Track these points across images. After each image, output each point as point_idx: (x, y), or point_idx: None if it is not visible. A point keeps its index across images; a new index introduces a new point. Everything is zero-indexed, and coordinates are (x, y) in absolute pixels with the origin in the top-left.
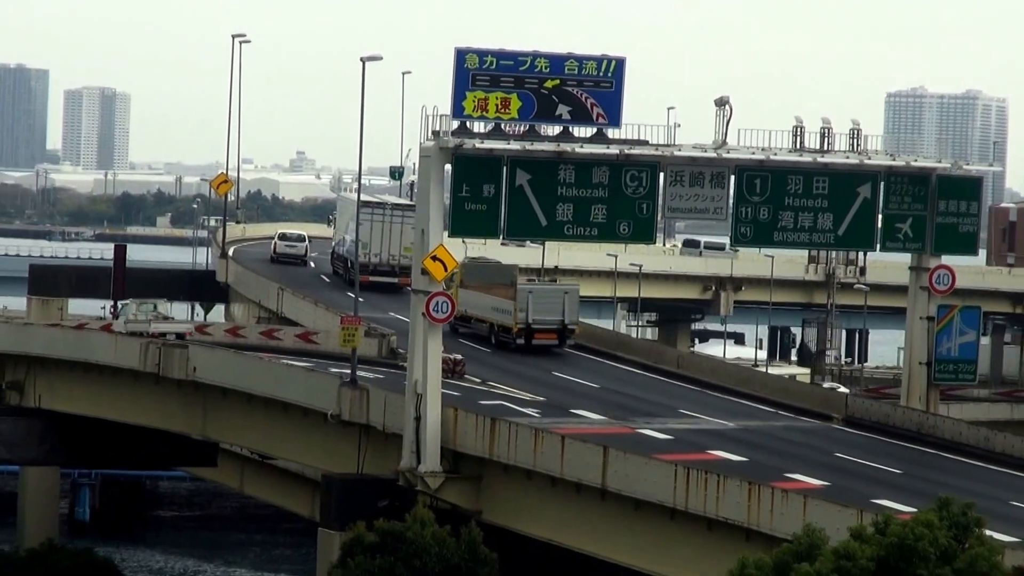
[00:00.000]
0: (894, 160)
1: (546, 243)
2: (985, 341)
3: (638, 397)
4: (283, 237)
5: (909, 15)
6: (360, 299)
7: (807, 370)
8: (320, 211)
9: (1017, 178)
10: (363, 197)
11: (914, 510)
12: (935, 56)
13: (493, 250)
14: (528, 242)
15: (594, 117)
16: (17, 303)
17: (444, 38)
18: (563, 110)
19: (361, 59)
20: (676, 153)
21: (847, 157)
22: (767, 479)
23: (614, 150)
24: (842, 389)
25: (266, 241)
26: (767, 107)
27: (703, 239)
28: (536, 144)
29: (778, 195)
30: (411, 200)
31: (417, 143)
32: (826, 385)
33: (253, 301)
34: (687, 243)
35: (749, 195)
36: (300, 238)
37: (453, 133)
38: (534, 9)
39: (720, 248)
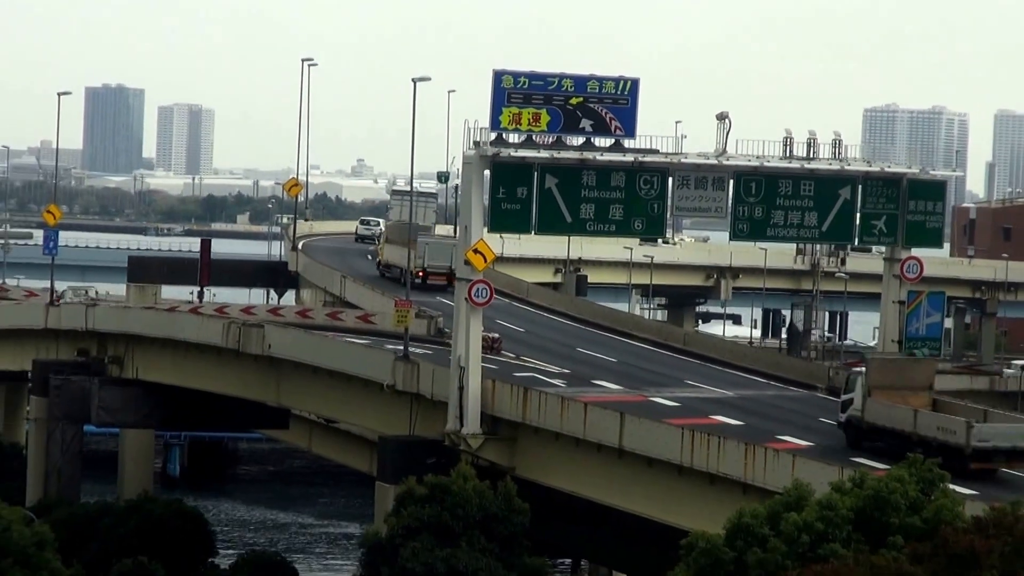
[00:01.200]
0: (870, 166)
1: (571, 237)
2: (949, 322)
3: (650, 370)
4: (363, 223)
5: (884, 39)
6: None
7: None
8: (377, 211)
9: (976, 182)
10: (394, 188)
11: (887, 467)
12: (906, 75)
13: (527, 243)
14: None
15: (612, 129)
16: (117, 289)
17: (483, 61)
18: (586, 123)
19: (412, 80)
20: (683, 160)
21: (830, 164)
22: (761, 440)
23: (629, 158)
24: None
25: (331, 236)
26: (760, 120)
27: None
28: (563, 153)
29: (770, 196)
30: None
31: (461, 152)
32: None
33: (319, 287)
34: None
35: (745, 196)
36: (375, 223)
37: (491, 143)
38: (560, 35)
39: None
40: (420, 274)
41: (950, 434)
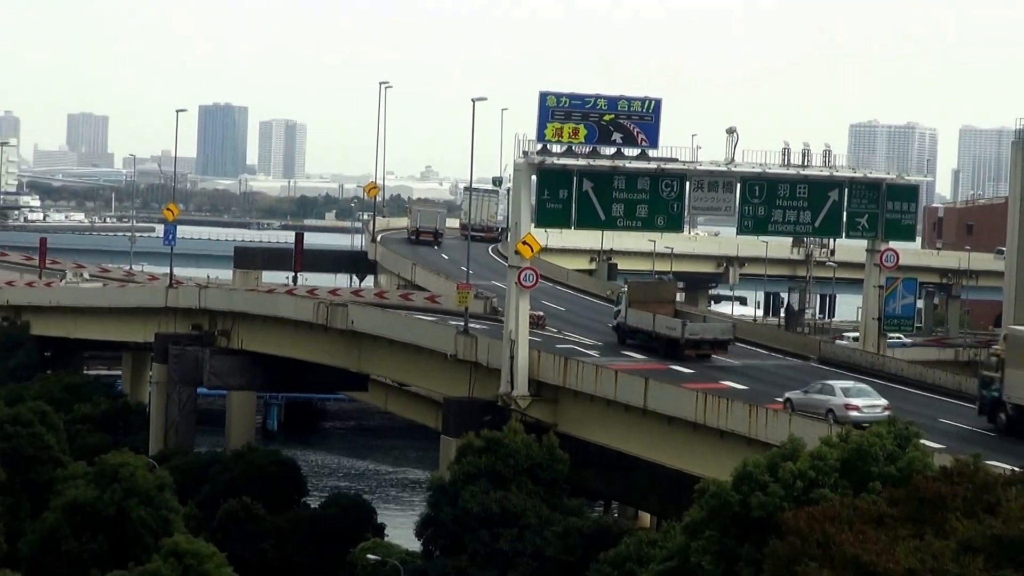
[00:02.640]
0: (855, 173)
1: (604, 232)
2: (920, 303)
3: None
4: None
5: (869, 67)
6: (471, 272)
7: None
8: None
9: (944, 186)
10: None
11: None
12: (885, 96)
13: (567, 236)
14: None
15: (639, 141)
16: (225, 274)
17: (531, 83)
18: (617, 136)
19: (472, 99)
20: (698, 168)
21: (821, 171)
22: (762, 402)
23: (653, 165)
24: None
25: (404, 230)
26: (763, 133)
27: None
28: (597, 161)
29: (771, 198)
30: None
31: (512, 160)
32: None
33: (394, 273)
34: None
35: (750, 198)
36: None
37: (537, 153)
38: (593, 62)
39: None
40: (414, 232)
41: (672, 330)
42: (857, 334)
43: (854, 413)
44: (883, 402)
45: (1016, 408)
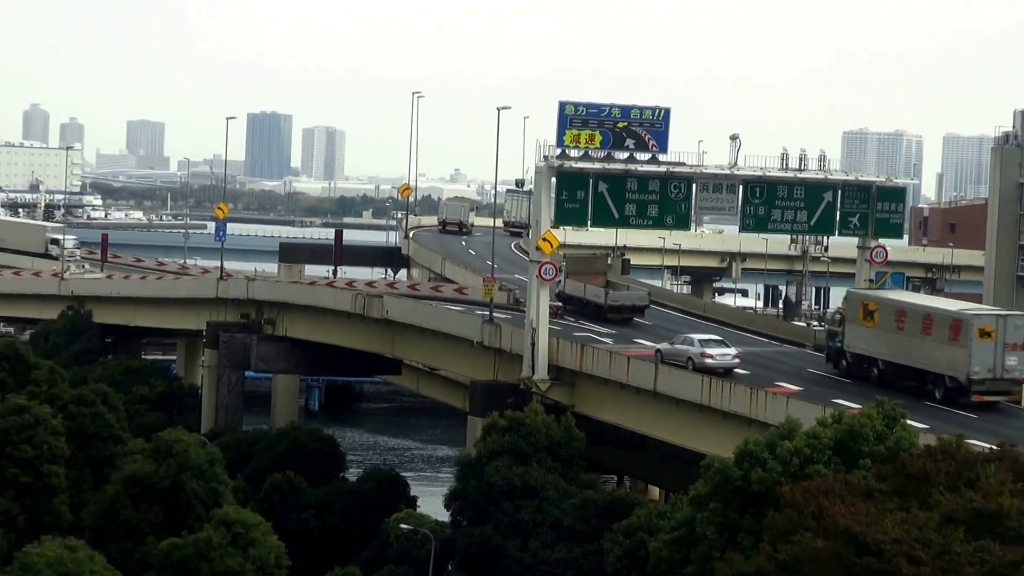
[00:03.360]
0: (847, 176)
1: (618, 229)
2: None
3: (677, 331)
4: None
5: (861, 80)
6: (495, 266)
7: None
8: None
9: (929, 188)
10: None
11: (859, 406)
12: (875, 105)
13: (584, 233)
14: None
15: (649, 147)
16: (271, 268)
17: (551, 92)
18: (629, 142)
19: (497, 108)
20: (703, 171)
21: (816, 174)
22: (762, 385)
23: (663, 169)
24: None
25: (434, 228)
26: (762, 139)
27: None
28: (611, 165)
29: (771, 199)
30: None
31: (533, 164)
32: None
33: (425, 267)
34: None
35: (752, 199)
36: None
37: (557, 157)
38: (606, 77)
39: None
40: (442, 223)
41: (598, 297)
42: None
43: (709, 360)
44: (733, 351)
45: (854, 356)
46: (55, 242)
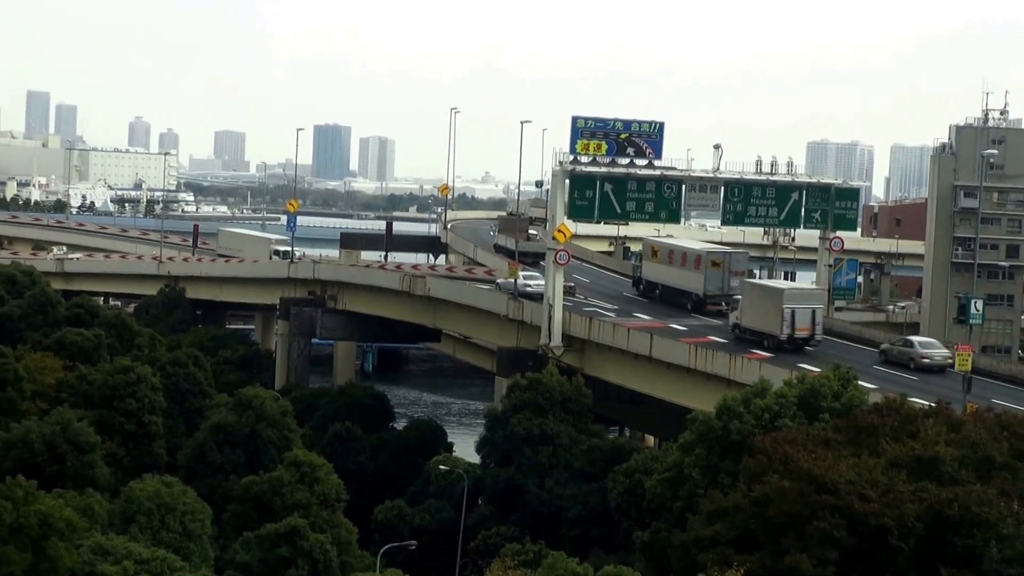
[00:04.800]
0: (811, 179)
1: (620, 223)
2: (860, 279)
3: (669, 308)
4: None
5: (821, 97)
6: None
7: None
8: (499, 205)
9: (878, 189)
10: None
11: (819, 370)
12: (834, 119)
13: (592, 226)
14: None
15: (647, 154)
16: (332, 253)
17: (564, 108)
18: (630, 150)
19: (520, 122)
20: (691, 175)
21: (785, 177)
22: (739, 352)
23: (657, 172)
24: None
25: (467, 220)
26: (738, 147)
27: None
28: (615, 169)
29: (747, 197)
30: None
31: (550, 168)
32: None
33: (460, 253)
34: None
35: (731, 197)
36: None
37: (570, 163)
38: (613, 96)
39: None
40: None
41: (513, 245)
42: None
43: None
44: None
45: (647, 282)
46: (278, 252)
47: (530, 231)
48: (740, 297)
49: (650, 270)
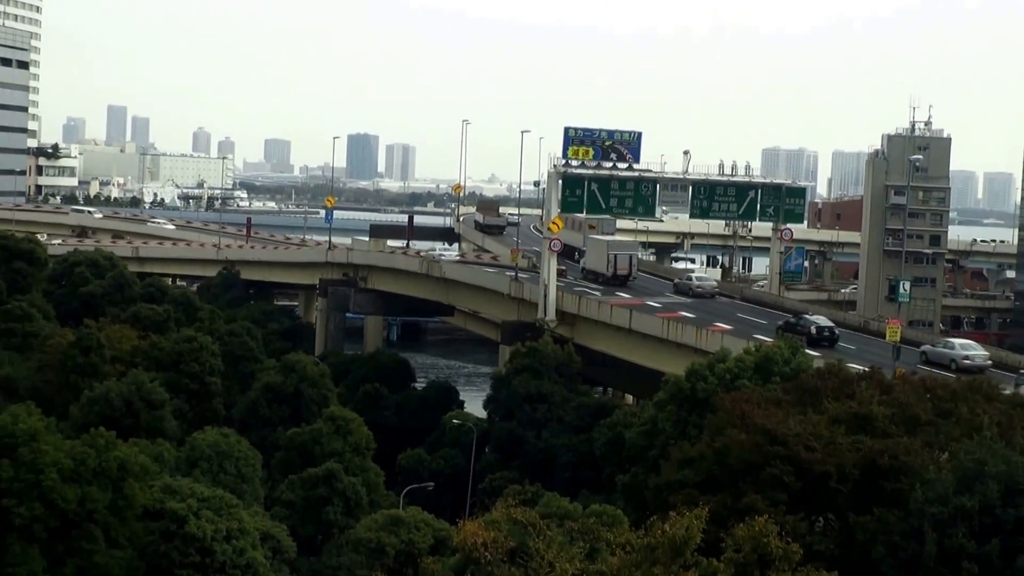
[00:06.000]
0: (765, 179)
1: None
2: (806, 263)
3: (644, 287)
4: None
5: (774, 109)
6: (519, 241)
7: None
8: (503, 203)
9: (823, 188)
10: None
11: (771, 340)
12: (785, 128)
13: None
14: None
15: (627, 159)
16: (363, 241)
17: (559, 119)
18: (613, 156)
19: (521, 131)
20: (664, 176)
21: (743, 178)
22: (704, 325)
23: (636, 174)
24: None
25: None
26: (704, 153)
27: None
28: (600, 171)
29: (711, 195)
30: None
31: (546, 169)
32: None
33: (470, 241)
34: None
35: (698, 195)
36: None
37: (562, 166)
38: (599, 107)
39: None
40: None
41: (480, 222)
42: (765, 282)
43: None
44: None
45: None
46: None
47: (500, 211)
48: (587, 248)
49: (565, 236)
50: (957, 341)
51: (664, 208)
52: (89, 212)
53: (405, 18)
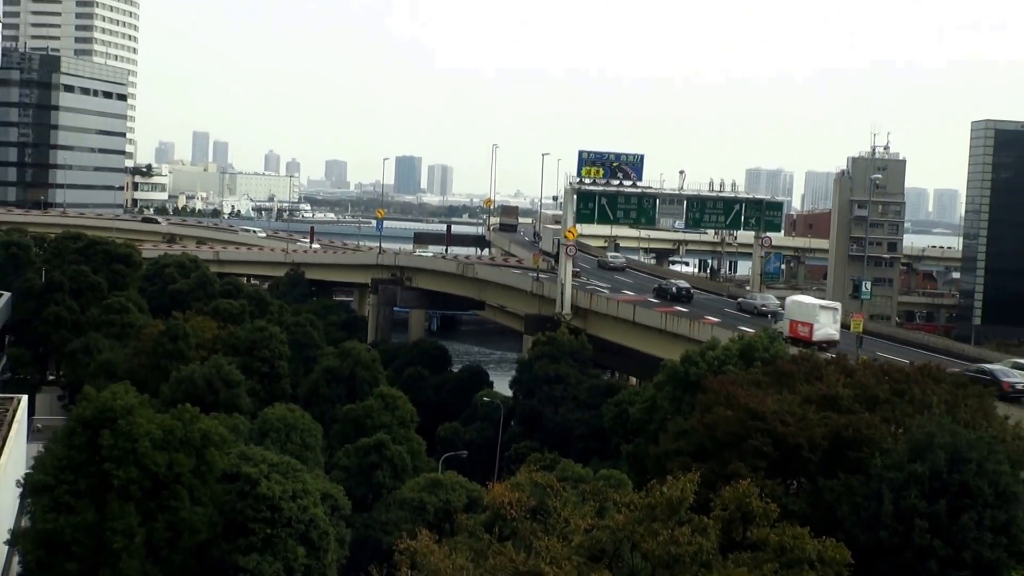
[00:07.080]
0: (749, 195)
1: (613, 226)
2: (783, 266)
3: (646, 286)
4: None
5: (756, 132)
6: (536, 240)
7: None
8: (526, 215)
9: (797, 203)
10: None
11: (753, 331)
12: (764, 151)
13: (593, 228)
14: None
15: (631, 177)
16: (408, 247)
17: (575, 144)
18: (620, 174)
19: (542, 154)
20: (663, 191)
21: (730, 194)
22: (696, 318)
23: (639, 190)
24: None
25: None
26: (696, 171)
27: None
28: (608, 188)
29: (703, 208)
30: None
31: (563, 186)
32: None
33: (499, 247)
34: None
35: (692, 208)
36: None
37: (578, 183)
38: (603, 132)
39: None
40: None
41: (497, 224)
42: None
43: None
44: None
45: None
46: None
47: (518, 217)
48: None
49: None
50: (758, 294)
51: (663, 219)
52: (157, 220)
53: (450, 68)
